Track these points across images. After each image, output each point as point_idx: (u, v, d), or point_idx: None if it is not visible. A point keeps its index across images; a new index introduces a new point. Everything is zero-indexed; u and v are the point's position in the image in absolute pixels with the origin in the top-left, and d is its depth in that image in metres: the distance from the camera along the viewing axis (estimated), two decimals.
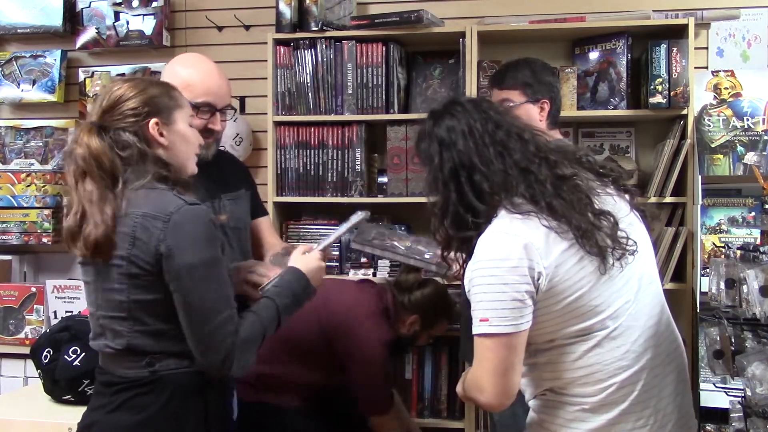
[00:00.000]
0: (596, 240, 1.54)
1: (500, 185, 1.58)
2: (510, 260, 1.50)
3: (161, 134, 1.70)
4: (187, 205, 1.62)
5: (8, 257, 3.59)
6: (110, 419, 1.65)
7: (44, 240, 3.49)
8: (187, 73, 2.09)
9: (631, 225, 1.64)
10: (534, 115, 2.42)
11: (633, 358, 1.57)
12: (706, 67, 3.09)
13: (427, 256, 2.36)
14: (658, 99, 2.90)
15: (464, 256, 1.63)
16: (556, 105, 2.49)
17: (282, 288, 1.78)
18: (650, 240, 1.72)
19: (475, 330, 1.54)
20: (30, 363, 2.87)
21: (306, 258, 1.87)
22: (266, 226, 2.40)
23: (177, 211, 1.60)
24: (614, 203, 1.65)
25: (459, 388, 1.74)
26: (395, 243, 2.42)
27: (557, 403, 1.62)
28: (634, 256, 1.60)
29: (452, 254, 1.67)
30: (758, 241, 2.78)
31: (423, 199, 3.00)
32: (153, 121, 1.69)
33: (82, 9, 3.55)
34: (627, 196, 1.71)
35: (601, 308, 1.55)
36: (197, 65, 2.13)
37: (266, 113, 3.18)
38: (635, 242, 1.60)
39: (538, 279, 1.51)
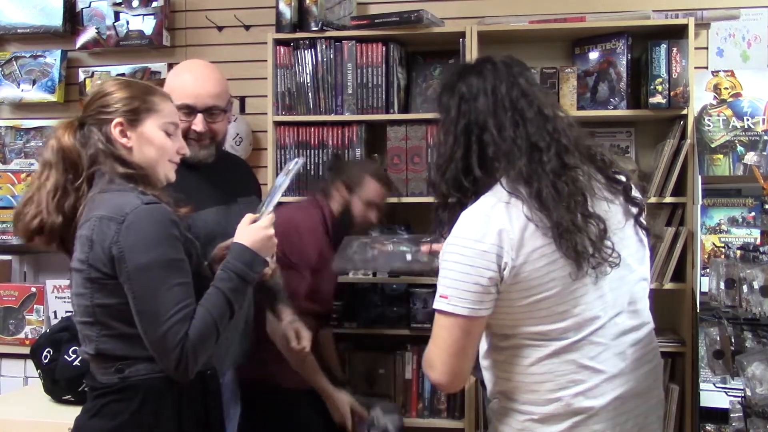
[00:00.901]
0: (575, 242, 1.48)
1: (504, 153, 1.55)
2: (482, 243, 1.49)
3: (124, 135, 1.69)
4: (143, 204, 1.60)
5: (8, 257, 3.59)
6: (90, 424, 1.67)
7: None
8: (174, 77, 2.16)
9: (623, 240, 1.58)
10: None
11: (588, 374, 1.53)
12: (706, 67, 3.09)
13: (408, 258, 2.35)
14: (658, 99, 2.89)
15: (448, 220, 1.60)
16: None
17: (225, 271, 1.68)
18: (648, 259, 1.67)
19: (434, 304, 1.53)
20: (30, 363, 2.87)
21: (249, 229, 1.75)
22: None
23: (132, 212, 1.58)
24: (607, 210, 1.58)
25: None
26: (375, 252, 2.41)
27: (508, 410, 1.60)
28: (612, 270, 1.54)
29: (444, 215, 1.63)
30: (758, 241, 2.78)
31: (423, 199, 3.04)
32: (116, 121, 1.68)
33: (82, 9, 3.54)
34: (634, 210, 1.64)
35: (564, 316, 1.52)
36: (186, 69, 2.18)
37: (266, 113, 3.18)
38: (619, 256, 1.54)
39: (504, 269, 1.48)
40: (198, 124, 2.12)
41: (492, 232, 1.49)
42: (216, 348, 1.68)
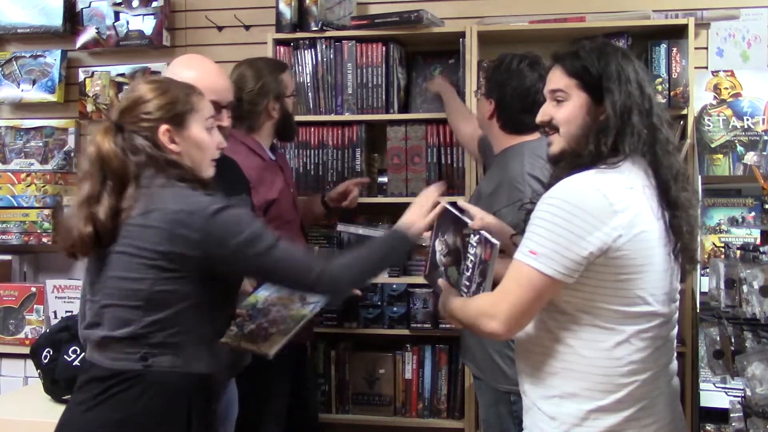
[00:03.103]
0: (683, 240, 1.61)
1: (646, 141, 1.61)
2: (593, 216, 1.51)
3: (173, 141, 1.71)
4: (214, 197, 1.68)
5: (8, 257, 3.59)
6: (87, 417, 1.64)
7: (44, 240, 3.49)
8: (190, 74, 2.08)
9: None
10: (484, 110, 2.37)
11: (651, 364, 1.61)
12: (706, 67, 3.09)
13: None
14: (658, 99, 2.89)
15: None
16: (504, 109, 2.31)
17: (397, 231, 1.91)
18: None
19: (520, 257, 1.56)
20: (30, 363, 2.87)
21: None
22: None
23: (212, 204, 1.65)
24: None
25: (454, 308, 1.74)
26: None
27: (565, 400, 1.61)
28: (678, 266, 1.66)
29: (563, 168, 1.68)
30: (758, 241, 2.78)
31: None
32: (164, 128, 1.69)
33: (82, 9, 3.55)
34: None
35: (638, 302, 1.57)
36: (199, 66, 2.14)
37: None
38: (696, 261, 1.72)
39: (606, 244, 1.51)
40: (224, 119, 2.13)
41: (606, 207, 1.52)
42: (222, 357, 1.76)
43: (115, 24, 3.51)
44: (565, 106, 1.66)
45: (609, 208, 1.52)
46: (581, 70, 1.64)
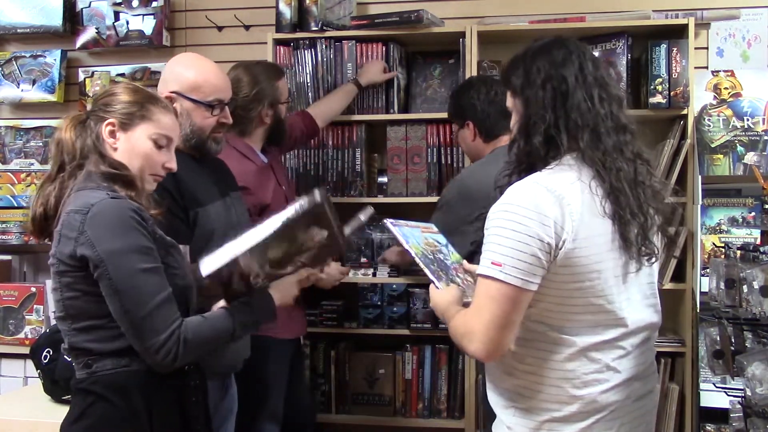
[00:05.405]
0: (630, 231, 1.52)
1: (591, 127, 1.55)
2: (545, 217, 1.47)
3: (113, 135, 1.70)
4: (108, 198, 1.61)
5: (8, 257, 3.59)
6: (69, 430, 1.66)
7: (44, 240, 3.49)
8: (192, 74, 2.14)
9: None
10: (467, 137, 2.58)
11: (611, 374, 1.56)
12: (706, 67, 3.09)
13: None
14: (658, 99, 2.90)
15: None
16: (482, 120, 2.53)
17: (248, 306, 1.75)
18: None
19: (484, 271, 1.50)
20: (30, 363, 2.87)
21: (285, 287, 1.86)
22: None
23: (97, 203, 1.59)
24: None
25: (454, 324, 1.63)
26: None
27: (524, 410, 1.59)
28: (643, 268, 1.58)
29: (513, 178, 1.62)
30: (758, 241, 2.79)
31: (423, 199, 3.05)
32: (109, 121, 1.70)
33: (82, 9, 3.55)
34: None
35: (596, 310, 1.53)
36: (200, 65, 2.17)
37: None
38: (657, 251, 1.59)
39: (561, 246, 1.47)
40: (228, 116, 2.19)
41: (556, 206, 1.48)
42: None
43: (115, 24, 3.51)
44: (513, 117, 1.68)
45: (559, 204, 1.48)
46: (506, 81, 1.68)
